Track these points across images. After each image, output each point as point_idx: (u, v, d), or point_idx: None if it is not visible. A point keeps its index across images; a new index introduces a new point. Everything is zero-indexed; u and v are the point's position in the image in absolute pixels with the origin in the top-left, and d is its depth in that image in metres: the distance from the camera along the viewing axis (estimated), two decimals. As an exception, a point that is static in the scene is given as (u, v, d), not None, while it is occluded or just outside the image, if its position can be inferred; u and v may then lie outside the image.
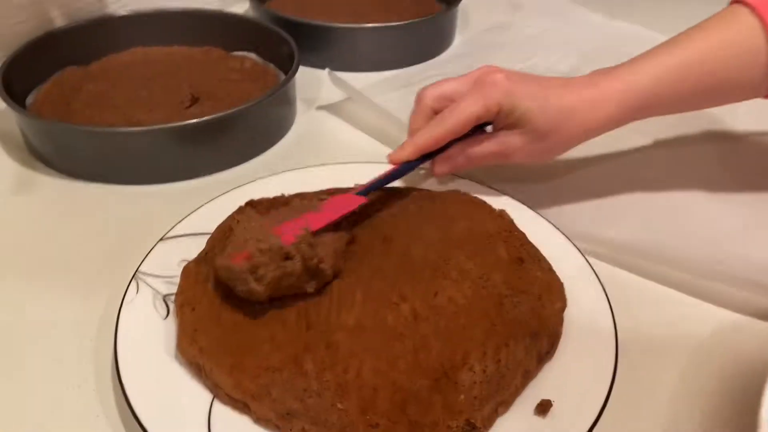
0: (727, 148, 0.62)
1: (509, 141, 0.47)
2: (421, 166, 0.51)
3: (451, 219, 0.47)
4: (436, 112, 0.49)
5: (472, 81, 0.48)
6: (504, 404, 0.36)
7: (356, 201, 0.47)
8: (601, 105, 0.46)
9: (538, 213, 0.50)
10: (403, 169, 0.49)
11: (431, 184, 0.53)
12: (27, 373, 0.40)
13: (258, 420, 0.35)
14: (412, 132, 0.50)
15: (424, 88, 0.50)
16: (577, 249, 0.46)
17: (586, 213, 0.52)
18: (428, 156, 0.50)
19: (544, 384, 0.38)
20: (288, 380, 0.36)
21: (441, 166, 0.50)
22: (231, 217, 0.47)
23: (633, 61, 0.48)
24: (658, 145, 0.61)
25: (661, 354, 0.42)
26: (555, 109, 0.46)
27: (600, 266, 0.47)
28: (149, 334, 0.40)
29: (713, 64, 0.46)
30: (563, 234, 0.48)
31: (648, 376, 0.41)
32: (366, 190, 0.48)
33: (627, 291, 0.46)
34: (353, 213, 0.46)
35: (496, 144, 0.48)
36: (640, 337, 0.43)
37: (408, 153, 0.49)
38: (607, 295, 0.43)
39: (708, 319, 0.45)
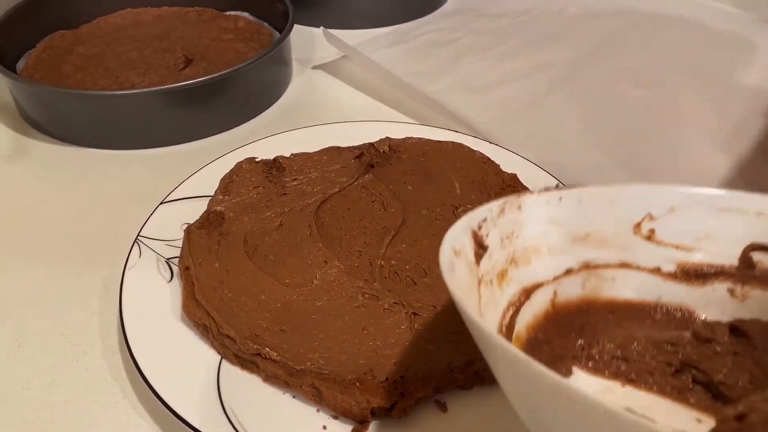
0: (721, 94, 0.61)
1: None
2: None
3: (454, 175, 0.47)
4: None
5: None
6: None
7: None
8: None
9: (540, 167, 0.49)
10: None
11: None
12: (31, 343, 0.40)
13: (267, 378, 0.35)
14: None
15: None
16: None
17: (587, 168, 0.52)
18: None
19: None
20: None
21: None
22: (229, 174, 0.47)
23: None
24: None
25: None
26: None
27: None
28: (154, 297, 0.39)
29: None
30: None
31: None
32: None
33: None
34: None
35: None
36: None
37: None
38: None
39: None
